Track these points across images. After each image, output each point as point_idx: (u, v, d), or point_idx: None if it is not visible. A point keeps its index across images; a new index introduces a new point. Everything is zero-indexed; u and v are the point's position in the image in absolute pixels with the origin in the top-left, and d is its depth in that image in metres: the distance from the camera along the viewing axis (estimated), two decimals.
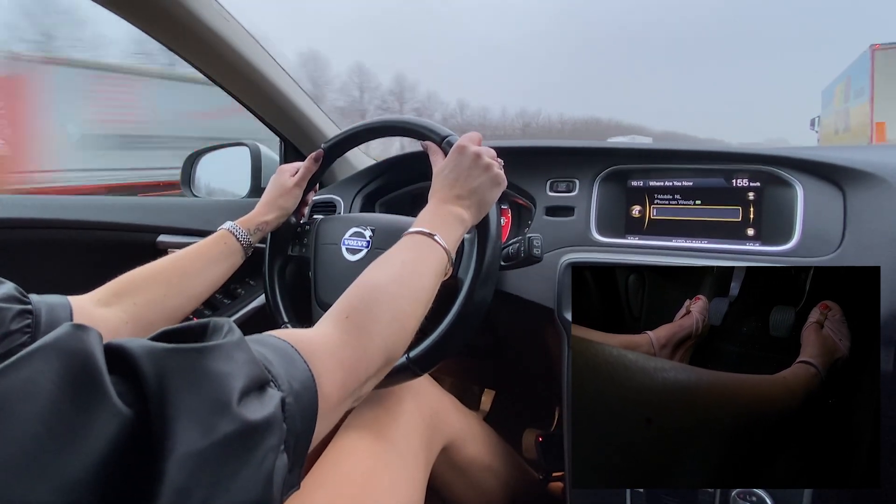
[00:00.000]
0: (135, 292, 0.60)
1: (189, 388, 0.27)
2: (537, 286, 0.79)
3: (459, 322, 0.65)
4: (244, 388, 0.30)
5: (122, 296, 0.59)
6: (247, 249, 0.74)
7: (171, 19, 0.83)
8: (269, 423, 0.31)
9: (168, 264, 0.65)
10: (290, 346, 0.39)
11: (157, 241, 1.07)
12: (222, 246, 0.71)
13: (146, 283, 0.61)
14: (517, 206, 0.97)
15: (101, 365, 0.26)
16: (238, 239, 0.72)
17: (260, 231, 0.77)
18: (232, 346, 0.31)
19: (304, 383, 0.37)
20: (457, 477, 0.81)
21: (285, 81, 1.05)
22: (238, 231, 0.73)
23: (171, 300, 0.63)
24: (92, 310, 0.56)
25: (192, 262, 0.67)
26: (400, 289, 0.51)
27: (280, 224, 0.81)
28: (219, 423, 0.27)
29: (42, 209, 1.03)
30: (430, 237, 0.58)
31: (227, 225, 0.73)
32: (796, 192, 0.72)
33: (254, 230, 0.75)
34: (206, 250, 0.69)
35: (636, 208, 0.85)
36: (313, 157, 0.81)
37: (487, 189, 0.65)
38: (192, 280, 0.66)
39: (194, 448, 0.26)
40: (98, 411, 0.25)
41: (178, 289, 0.64)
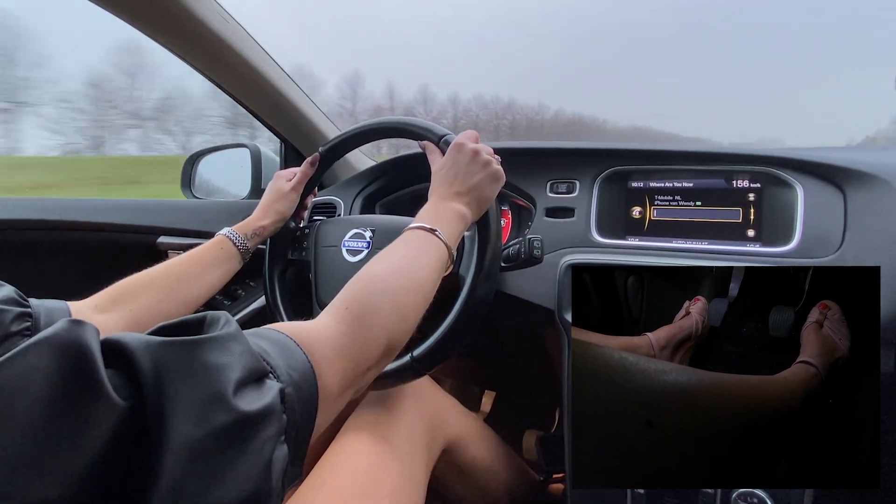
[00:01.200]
0: (131, 299, 0.60)
1: (184, 380, 0.27)
2: (537, 287, 0.79)
3: (462, 320, 0.65)
4: (241, 379, 0.30)
5: (119, 302, 0.59)
6: (244, 255, 0.74)
7: (170, 20, 0.83)
8: (266, 413, 0.31)
9: (164, 270, 0.65)
10: (288, 338, 0.38)
11: (158, 242, 1.08)
12: (218, 251, 0.71)
13: (142, 290, 0.61)
14: (517, 208, 0.97)
15: (97, 359, 0.26)
16: (235, 244, 0.72)
17: (257, 236, 0.76)
18: (228, 337, 0.31)
19: (303, 374, 0.37)
20: (457, 478, 0.81)
21: (285, 82, 1.05)
22: (235, 236, 0.73)
23: (167, 306, 0.63)
24: (90, 315, 0.56)
25: (188, 267, 0.67)
26: (400, 280, 0.51)
27: (278, 228, 0.81)
28: (214, 414, 0.27)
29: (43, 210, 1.03)
30: (431, 232, 0.58)
31: (225, 231, 0.73)
32: (797, 193, 0.72)
33: (251, 235, 0.75)
34: (203, 256, 0.69)
35: (636, 209, 0.85)
36: (309, 162, 0.82)
37: (487, 185, 0.65)
38: (188, 285, 0.66)
39: (189, 439, 0.26)
40: (94, 405, 0.25)
41: (173, 294, 0.64)
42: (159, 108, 5.67)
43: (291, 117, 1.10)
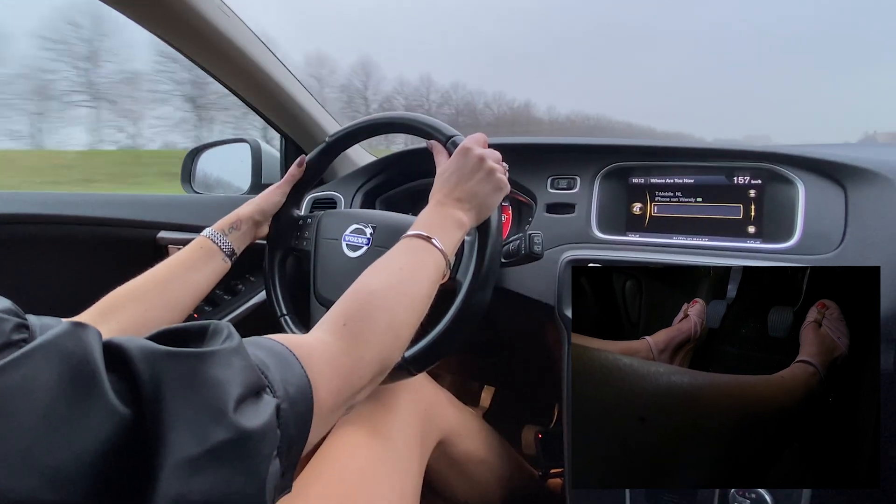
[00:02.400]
0: (118, 311, 0.60)
1: (185, 395, 0.27)
2: (537, 283, 0.79)
3: (456, 324, 0.65)
4: (240, 395, 0.30)
5: (107, 315, 0.59)
6: (228, 253, 0.72)
7: (170, 14, 0.83)
8: (264, 431, 0.31)
9: (146, 279, 0.64)
10: (287, 350, 0.39)
11: (158, 237, 1.07)
12: (199, 251, 0.70)
13: (127, 301, 0.61)
14: (518, 203, 0.97)
15: (98, 363, 0.26)
16: (215, 242, 0.71)
17: (235, 229, 0.74)
18: (230, 352, 0.31)
19: (300, 388, 0.37)
20: (451, 471, 0.82)
21: (286, 77, 1.04)
22: (214, 234, 0.72)
23: (153, 314, 0.62)
24: None
25: (169, 272, 0.66)
26: (397, 296, 0.51)
27: (256, 220, 0.78)
28: (214, 430, 0.28)
29: (41, 205, 1.03)
30: (428, 241, 0.57)
31: (205, 231, 0.73)
32: (798, 189, 0.72)
33: (228, 230, 0.74)
34: (184, 259, 0.69)
35: (637, 205, 0.84)
36: (297, 164, 0.81)
37: (489, 194, 0.64)
38: (172, 291, 0.65)
39: (188, 455, 0.26)
40: (94, 408, 0.25)
41: (158, 302, 0.63)
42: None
43: (292, 112, 1.09)
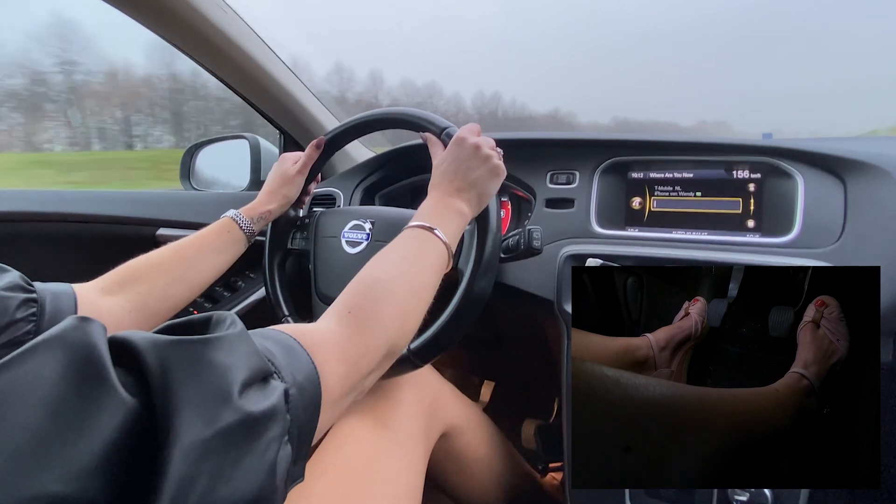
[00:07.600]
0: (137, 281, 0.60)
1: (192, 380, 0.28)
2: (537, 278, 0.79)
3: (459, 313, 0.65)
4: (246, 379, 0.30)
5: (125, 284, 0.59)
6: (249, 238, 0.73)
7: (167, 10, 0.82)
8: (271, 414, 0.31)
9: (170, 253, 0.65)
10: (293, 340, 0.39)
11: (157, 234, 1.08)
12: (225, 235, 0.71)
13: (148, 272, 0.61)
14: (517, 198, 0.97)
15: (105, 356, 0.27)
16: (241, 227, 0.72)
17: (263, 220, 0.76)
18: (234, 337, 0.32)
19: (307, 376, 0.37)
20: (452, 465, 0.82)
21: (284, 73, 1.04)
22: (241, 219, 0.72)
23: (173, 289, 0.63)
24: (95, 298, 0.56)
25: (194, 250, 0.67)
26: (402, 285, 0.51)
27: (283, 212, 0.81)
28: (221, 413, 0.28)
29: (41, 203, 1.02)
30: (431, 231, 0.58)
31: (231, 213, 0.73)
32: (797, 183, 0.72)
33: (257, 219, 0.75)
34: (210, 239, 0.69)
35: (636, 200, 0.84)
36: (315, 145, 0.81)
37: (487, 180, 0.64)
38: (195, 268, 0.66)
39: (197, 438, 0.26)
40: (103, 401, 0.25)
41: (180, 277, 0.64)
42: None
43: (290, 108, 1.09)
